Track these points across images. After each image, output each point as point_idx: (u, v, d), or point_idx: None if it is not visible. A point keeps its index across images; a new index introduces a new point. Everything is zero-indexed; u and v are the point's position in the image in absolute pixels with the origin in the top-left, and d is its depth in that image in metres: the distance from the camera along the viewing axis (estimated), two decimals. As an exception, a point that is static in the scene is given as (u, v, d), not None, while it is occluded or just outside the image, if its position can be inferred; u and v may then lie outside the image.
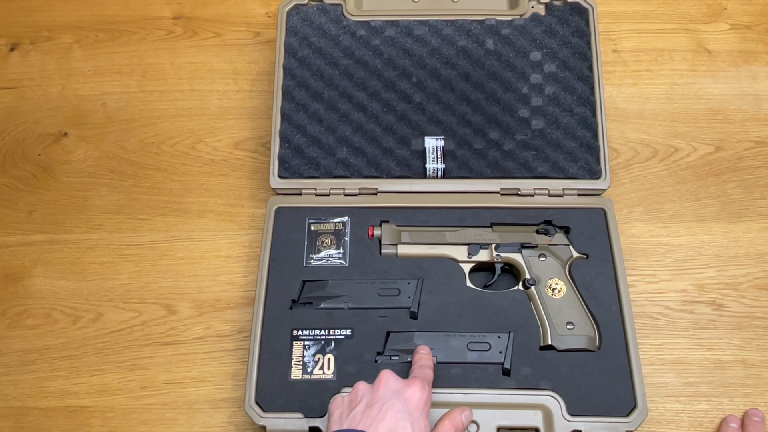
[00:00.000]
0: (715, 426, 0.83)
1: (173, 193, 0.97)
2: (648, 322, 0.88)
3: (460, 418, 0.74)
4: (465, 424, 0.74)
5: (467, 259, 0.87)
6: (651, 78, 1.02)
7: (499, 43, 0.96)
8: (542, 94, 0.93)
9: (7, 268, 0.94)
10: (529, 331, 0.83)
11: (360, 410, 0.68)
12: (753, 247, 0.92)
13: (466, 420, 0.75)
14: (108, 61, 1.06)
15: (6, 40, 1.08)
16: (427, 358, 0.78)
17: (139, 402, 0.86)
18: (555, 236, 0.87)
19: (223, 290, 0.91)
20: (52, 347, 0.89)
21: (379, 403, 0.68)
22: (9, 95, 1.04)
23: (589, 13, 0.96)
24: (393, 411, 0.67)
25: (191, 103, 1.02)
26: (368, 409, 0.68)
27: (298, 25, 0.97)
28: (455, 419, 0.73)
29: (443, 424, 0.72)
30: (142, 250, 0.94)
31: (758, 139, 0.98)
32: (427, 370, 0.76)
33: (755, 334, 0.87)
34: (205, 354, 0.88)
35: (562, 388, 0.79)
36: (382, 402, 0.68)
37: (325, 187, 0.91)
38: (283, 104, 0.94)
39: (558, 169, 0.90)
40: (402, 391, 0.69)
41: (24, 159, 1.00)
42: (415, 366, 0.77)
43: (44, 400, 0.86)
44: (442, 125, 0.93)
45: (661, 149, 0.98)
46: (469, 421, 0.76)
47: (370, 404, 0.68)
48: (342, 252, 0.88)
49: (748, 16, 1.05)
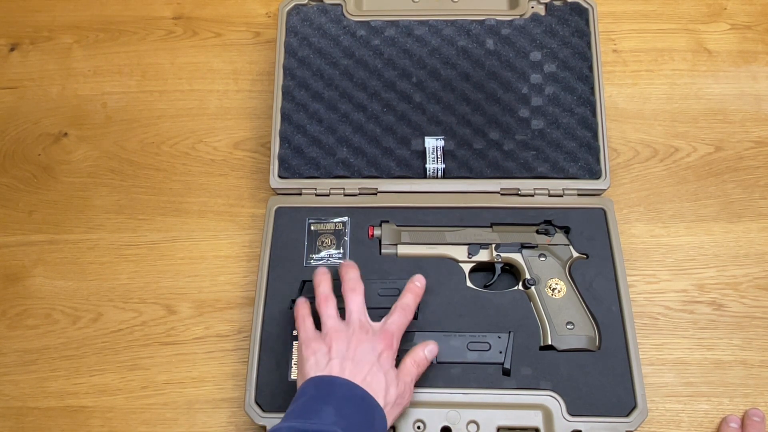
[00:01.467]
0: (715, 426, 0.83)
1: (173, 193, 0.97)
2: (648, 322, 0.88)
3: (423, 354, 0.77)
4: (428, 358, 0.77)
5: (467, 259, 0.87)
6: (651, 78, 1.02)
7: (499, 43, 0.96)
8: (542, 94, 0.93)
9: (7, 268, 0.94)
10: (529, 331, 0.83)
11: (337, 363, 0.72)
12: (753, 247, 0.92)
13: (429, 354, 0.77)
14: (108, 61, 1.06)
15: (6, 40, 1.08)
16: (412, 296, 0.79)
17: (139, 402, 0.86)
18: (555, 236, 0.87)
19: (223, 290, 0.91)
20: (52, 347, 0.89)
21: (354, 358, 0.72)
22: (9, 95, 1.04)
23: (589, 13, 0.96)
24: (368, 366, 0.72)
25: (191, 103, 1.03)
26: (344, 362, 0.72)
27: (298, 25, 0.97)
28: (417, 356, 0.76)
29: (405, 363, 0.75)
30: (142, 250, 0.94)
31: (758, 139, 0.98)
32: (403, 317, 0.77)
33: (755, 334, 0.87)
34: (205, 354, 0.88)
35: (562, 388, 0.79)
36: (357, 358, 0.72)
37: (325, 187, 0.91)
38: (283, 104, 0.94)
39: (558, 169, 0.90)
40: (374, 347, 0.73)
41: (24, 159, 1.00)
42: (398, 305, 0.78)
43: (44, 400, 0.86)
44: (442, 125, 0.93)
45: (661, 149, 0.98)
46: (433, 355, 0.78)
47: (345, 358, 0.72)
48: (342, 252, 0.88)
49: (748, 16, 1.05)
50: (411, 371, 0.75)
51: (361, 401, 0.69)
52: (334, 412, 0.67)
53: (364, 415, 0.69)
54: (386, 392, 0.71)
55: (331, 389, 0.70)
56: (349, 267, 0.80)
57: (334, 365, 0.71)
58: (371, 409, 0.69)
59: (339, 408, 0.68)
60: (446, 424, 0.77)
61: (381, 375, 0.71)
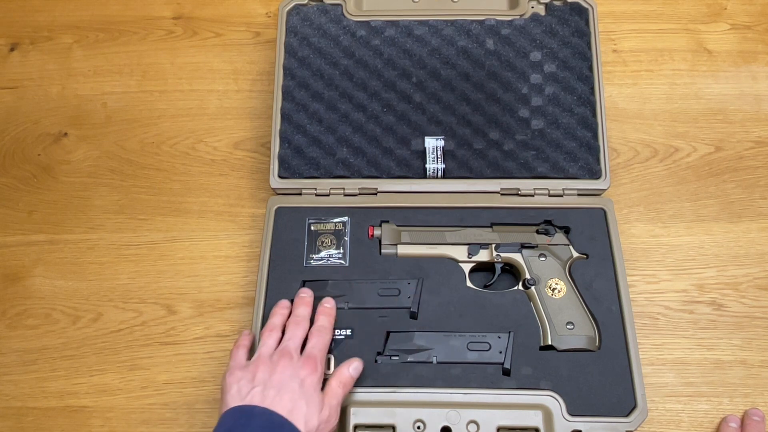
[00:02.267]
0: (715, 426, 0.83)
1: (173, 193, 0.97)
2: (648, 322, 0.88)
3: (348, 373, 0.77)
4: (354, 376, 0.78)
5: (467, 259, 0.87)
6: (651, 78, 1.02)
7: (499, 43, 0.96)
8: (542, 94, 0.93)
9: (7, 268, 0.94)
10: (529, 331, 0.83)
11: (258, 391, 0.72)
12: (753, 247, 0.92)
13: (354, 372, 0.78)
14: (108, 61, 1.06)
15: (6, 40, 1.08)
16: (325, 317, 0.80)
17: (139, 402, 0.86)
18: (555, 236, 0.87)
19: (223, 290, 0.91)
20: (52, 347, 0.89)
21: (276, 386, 0.72)
22: (9, 95, 1.04)
23: (589, 13, 0.96)
24: (290, 393, 0.72)
25: (191, 103, 1.03)
26: (266, 390, 0.72)
27: (298, 25, 0.97)
28: (342, 376, 0.77)
29: (330, 386, 0.76)
30: (142, 250, 0.94)
31: (758, 139, 0.98)
32: (322, 339, 0.78)
33: (755, 334, 0.87)
34: (205, 354, 0.88)
35: (562, 388, 0.79)
36: (280, 385, 0.72)
37: (325, 187, 0.91)
38: (283, 104, 0.94)
39: (558, 169, 0.90)
40: (297, 373, 0.73)
41: (24, 159, 1.00)
42: (313, 329, 0.79)
43: (44, 400, 0.86)
44: (442, 125, 0.93)
45: (661, 149, 0.98)
46: (358, 372, 0.78)
47: (267, 386, 0.72)
48: (342, 252, 0.88)
49: (748, 16, 1.05)
50: (337, 393, 0.75)
51: (281, 429, 0.69)
52: None
53: None
54: (308, 419, 0.71)
55: (249, 420, 0.69)
56: (300, 302, 0.81)
57: (256, 393, 0.71)
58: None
59: None
60: (446, 424, 0.77)
61: (303, 402, 0.71)
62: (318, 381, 0.74)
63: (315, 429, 0.71)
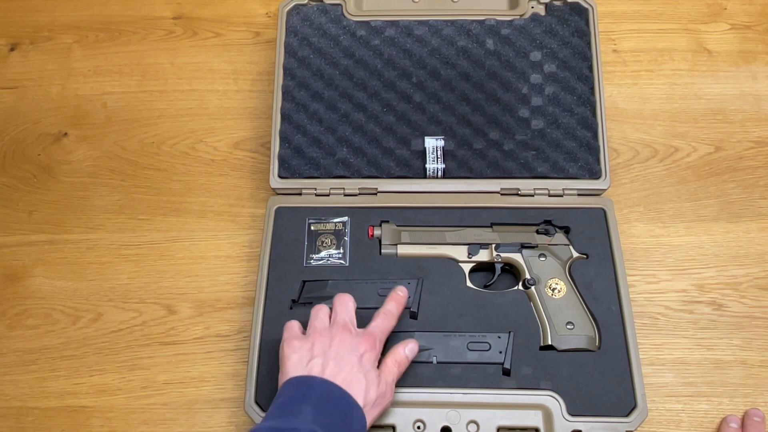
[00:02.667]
0: (715, 426, 0.83)
1: (173, 193, 0.97)
2: (648, 322, 0.88)
3: (403, 353, 0.77)
4: (409, 357, 0.78)
5: (467, 259, 0.87)
6: (651, 78, 1.02)
7: (499, 43, 0.96)
8: (542, 94, 0.93)
9: (7, 268, 0.94)
10: (529, 331, 0.83)
11: (318, 362, 0.72)
12: (753, 247, 0.92)
13: (410, 353, 0.78)
14: (108, 61, 1.06)
15: (6, 40, 1.08)
16: (395, 304, 0.79)
17: (139, 402, 0.86)
18: (555, 236, 0.87)
19: (223, 290, 0.91)
20: (52, 347, 0.89)
21: (335, 358, 0.72)
22: (9, 95, 1.04)
23: (589, 13, 0.96)
24: (349, 366, 0.72)
25: (191, 103, 1.03)
26: (326, 362, 0.72)
27: (298, 25, 0.97)
28: (398, 355, 0.77)
29: (386, 363, 0.76)
30: (142, 250, 0.94)
31: (758, 139, 0.98)
32: (386, 321, 0.78)
33: (755, 334, 0.87)
34: (205, 354, 0.88)
35: (562, 388, 0.79)
36: (339, 357, 0.72)
37: (325, 187, 0.91)
38: (283, 104, 0.94)
39: (558, 169, 0.90)
40: (356, 348, 0.74)
41: (24, 159, 1.00)
42: (380, 311, 0.79)
43: (44, 400, 0.86)
44: (442, 125, 0.93)
45: (661, 149, 0.98)
46: (413, 354, 0.78)
47: (327, 357, 0.72)
48: (342, 252, 0.88)
49: (748, 16, 1.05)
50: (392, 371, 0.76)
51: (340, 401, 0.70)
52: (312, 411, 0.68)
53: (343, 415, 0.69)
54: (366, 392, 0.71)
55: (309, 389, 0.70)
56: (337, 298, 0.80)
57: (315, 364, 0.72)
58: (350, 408, 0.70)
59: (317, 407, 0.68)
60: (446, 424, 0.77)
61: (361, 375, 0.72)
62: (376, 358, 0.75)
63: (372, 403, 0.72)
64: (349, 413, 0.69)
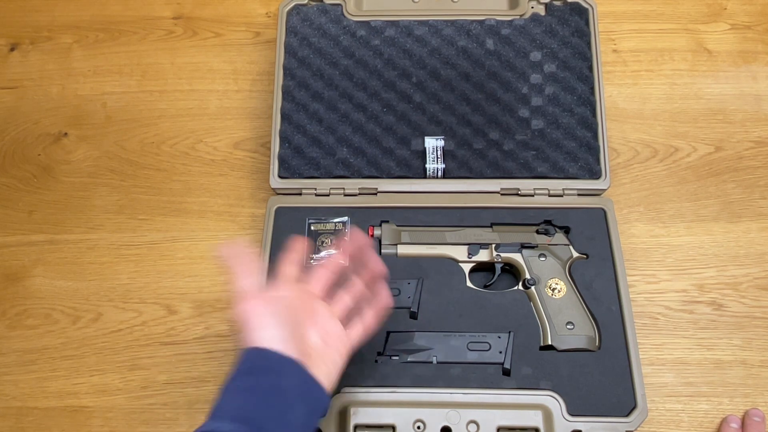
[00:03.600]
0: (715, 426, 0.83)
1: (173, 193, 0.97)
2: (648, 322, 0.88)
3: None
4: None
5: (467, 259, 0.87)
6: (651, 78, 1.02)
7: (499, 43, 0.96)
8: (542, 94, 0.93)
9: (7, 268, 0.94)
10: (529, 331, 0.83)
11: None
12: (753, 247, 0.92)
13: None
14: (108, 61, 1.06)
15: (6, 40, 1.08)
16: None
17: (139, 402, 0.86)
18: (555, 236, 0.87)
19: (223, 290, 0.91)
20: (52, 347, 0.89)
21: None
22: (9, 95, 1.04)
23: (589, 13, 0.96)
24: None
25: (191, 103, 1.03)
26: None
27: (298, 25, 0.97)
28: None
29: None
30: (142, 250, 0.94)
31: (758, 139, 0.98)
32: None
33: (755, 334, 0.87)
34: (205, 354, 0.88)
35: (562, 388, 0.79)
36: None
37: (325, 187, 0.91)
38: (283, 104, 0.94)
39: (558, 169, 0.90)
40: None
41: (24, 159, 1.00)
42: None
43: (44, 400, 0.86)
44: (442, 125, 0.93)
45: (661, 149, 0.98)
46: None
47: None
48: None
49: (748, 16, 1.05)
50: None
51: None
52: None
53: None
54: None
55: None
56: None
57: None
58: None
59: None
60: (446, 424, 0.77)
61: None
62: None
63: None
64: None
